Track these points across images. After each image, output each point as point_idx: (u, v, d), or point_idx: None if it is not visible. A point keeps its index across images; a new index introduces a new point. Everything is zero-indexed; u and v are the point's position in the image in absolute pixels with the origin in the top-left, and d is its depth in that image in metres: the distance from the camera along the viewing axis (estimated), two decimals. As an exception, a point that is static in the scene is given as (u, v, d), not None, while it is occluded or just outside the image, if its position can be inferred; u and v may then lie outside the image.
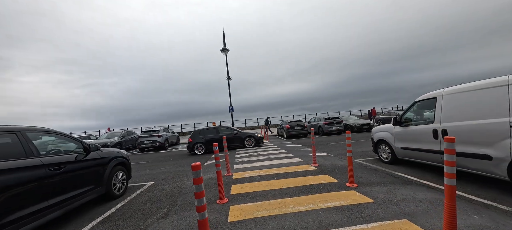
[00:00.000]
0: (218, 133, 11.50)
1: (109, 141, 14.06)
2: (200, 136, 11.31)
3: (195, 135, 11.51)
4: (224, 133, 11.54)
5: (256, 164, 6.96)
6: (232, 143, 11.33)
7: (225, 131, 11.79)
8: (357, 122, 16.05)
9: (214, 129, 11.84)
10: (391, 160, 5.83)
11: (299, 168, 5.92)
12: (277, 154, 8.58)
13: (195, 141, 11.11)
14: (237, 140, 11.50)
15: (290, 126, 15.46)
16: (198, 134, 11.53)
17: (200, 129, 11.96)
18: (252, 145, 11.54)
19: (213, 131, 11.67)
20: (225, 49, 18.33)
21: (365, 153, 7.65)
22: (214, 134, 11.44)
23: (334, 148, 9.29)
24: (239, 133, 11.72)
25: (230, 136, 11.34)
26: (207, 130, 11.79)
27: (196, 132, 11.74)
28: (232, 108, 19.28)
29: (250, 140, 11.61)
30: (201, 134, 11.47)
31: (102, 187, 4.40)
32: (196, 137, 11.29)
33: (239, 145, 11.48)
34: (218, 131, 11.70)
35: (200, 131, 11.67)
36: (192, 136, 11.41)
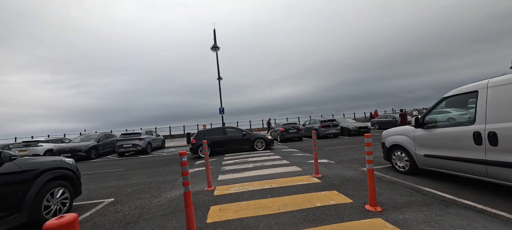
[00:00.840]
0: (225, 134, 10.42)
1: (82, 145, 12.43)
2: (205, 137, 10.04)
3: (199, 135, 10.23)
4: (231, 134, 10.50)
5: (246, 174, 5.72)
6: (239, 146, 10.23)
7: (233, 132, 10.69)
8: (354, 125, 15.12)
9: (221, 130, 10.70)
10: (410, 170, 4.74)
11: (298, 179, 4.74)
12: (271, 160, 7.38)
13: (199, 142, 9.87)
14: (245, 142, 10.33)
15: (284, 129, 14.33)
16: (203, 134, 10.26)
17: (205, 129, 10.82)
18: (262, 148, 10.33)
19: (220, 132, 10.53)
20: (215, 46, 17.09)
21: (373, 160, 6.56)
22: (220, 135, 10.31)
23: (334, 154, 8.18)
24: (248, 135, 10.54)
25: (238, 137, 10.29)
26: (213, 130, 10.71)
27: (201, 132, 10.49)
28: (222, 110, 17.98)
29: (260, 143, 10.38)
30: (206, 134, 10.26)
31: (22, 213, 3.05)
32: (201, 138, 9.96)
33: (247, 147, 10.32)
34: (225, 132, 10.58)
35: (205, 132, 10.51)
36: (196, 137, 10.19)
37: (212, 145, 9.97)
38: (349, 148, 9.34)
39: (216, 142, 10.09)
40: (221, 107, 18.08)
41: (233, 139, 10.31)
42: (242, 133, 10.64)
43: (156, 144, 14.92)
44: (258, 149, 10.33)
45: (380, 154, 6.86)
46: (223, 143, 10.19)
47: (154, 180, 6.19)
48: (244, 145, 10.35)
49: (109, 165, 9.95)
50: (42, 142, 13.50)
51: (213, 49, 17.11)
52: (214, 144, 10.02)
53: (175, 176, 6.40)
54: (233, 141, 10.28)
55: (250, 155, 9.11)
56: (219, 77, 18.25)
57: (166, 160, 10.20)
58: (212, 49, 17.08)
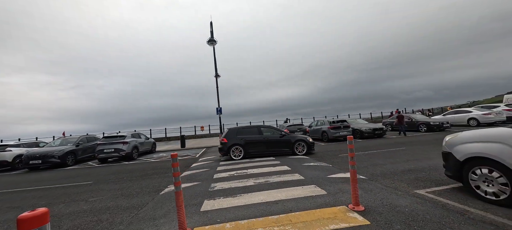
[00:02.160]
0: (261, 134, 8.93)
1: (56, 150, 10.58)
2: (238, 137, 8.63)
3: (231, 134, 8.78)
4: (268, 134, 9.02)
5: (245, 198, 3.87)
6: (277, 148, 8.72)
7: (269, 132, 9.16)
8: (367, 127, 13.26)
9: (256, 129, 9.15)
10: (510, 199, 2.88)
11: (329, 215, 2.90)
12: (278, 173, 5.52)
13: (231, 142, 8.46)
14: (283, 144, 8.75)
15: (289, 131, 12.46)
16: (235, 133, 8.81)
17: (237, 128, 9.33)
18: (303, 152, 8.68)
19: (255, 131, 9.02)
20: (212, 40, 15.31)
21: (416, 174, 4.70)
22: (255, 135, 8.84)
23: (358, 163, 6.33)
24: (287, 136, 8.95)
25: (275, 138, 8.81)
26: (247, 129, 9.19)
27: (233, 130, 9.02)
28: (220, 110, 16.16)
29: (300, 146, 8.72)
30: (239, 133, 8.80)
31: None
32: (233, 138, 8.60)
33: (287, 150, 8.74)
34: (260, 131, 9.06)
35: (238, 130, 9.03)
36: (228, 136, 8.75)
37: (246, 146, 8.48)
38: (371, 155, 7.48)
39: (250, 142, 8.58)
40: (218, 107, 16.26)
41: (270, 140, 8.74)
42: (280, 134, 9.00)
43: (144, 148, 13.06)
44: (299, 153, 8.64)
45: (420, 165, 5.02)
46: (259, 145, 8.64)
47: (115, 204, 4.34)
48: (282, 148, 8.74)
49: (79, 175, 8.09)
50: (12, 146, 11.66)
51: (210, 43, 15.31)
52: (248, 145, 8.52)
53: (148, 198, 4.57)
54: (270, 143, 8.71)
55: (251, 164, 7.25)
56: (216, 74, 16.46)
57: (150, 168, 8.34)
58: (208, 43, 15.28)
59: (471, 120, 15.09)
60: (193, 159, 10.00)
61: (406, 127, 14.00)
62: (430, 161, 5.87)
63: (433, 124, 13.80)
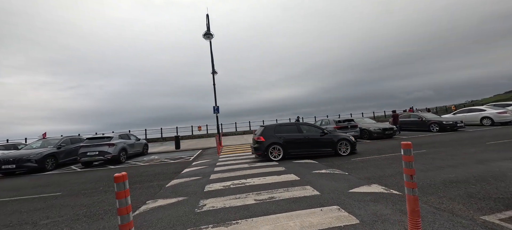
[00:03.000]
0: (300, 132, 7.97)
1: (32, 153, 9.40)
2: (277, 135, 7.71)
3: (268, 132, 7.81)
4: (308, 132, 8.07)
5: (242, 226, 2.74)
6: (319, 148, 7.78)
7: (310, 130, 8.22)
8: (376, 126, 12.16)
9: (294, 126, 8.20)
10: None
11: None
12: (284, 186, 4.40)
13: (269, 141, 7.53)
14: (325, 143, 7.80)
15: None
16: (273, 131, 7.86)
17: (274, 125, 8.33)
18: (347, 152, 7.75)
19: (293, 129, 8.06)
20: (208, 34, 14.14)
21: (464, 187, 3.58)
22: (295, 133, 7.89)
23: (378, 170, 5.21)
24: (328, 134, 8.01)
25: (315, 137, 7.86)
26: (285, 126, 8.20)
27: (270, 128, 8.03)
28: (217, 109, 15.01)
29: (344, 146, 7.80)
30: (277, 131, 7.86)
31: None
32: (271, 136, 7.66)
33: (329, 151, 7.78)
34: (299, 129, 8.10)
35: (275, 128, 8.06)
36: (265, 134, 7.78)
37: (286, 146, 7.55)
38: (390, 160, 6.37)
39: (290, 142, 7.64)
40: (215, 105, 15.10)
41: (311, 139, 7.80)
42: (321, 132, 8.04)
43: (134, 151, 11.88)
44: (343, 154, 7.70)
45: (461, 174, 3.82)
46: (300, 144, 7.72)
47: (68, 232, 3.20)
48: (324, 148, 7.78)
49: (52, 183, 6.93)
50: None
51: (206, 37, 14.15)
52: (287, 144, 7.59)
53: (116, 221, 3.43)
54: (311, 142, 7.78)
55: (250, 171, 6.13)
56: (213, 70, 15.29)
57: (136, 175, 7.20)
58: (204, 37, 14.12)
59: (485, 119, 14.06)
60: (185, 164, 8.86)
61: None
62: (468, 168, 4.78)
63: (446, 123, 12.74)
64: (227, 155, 10.03)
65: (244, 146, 13.18)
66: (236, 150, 11.70)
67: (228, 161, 8.13)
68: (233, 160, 8.27)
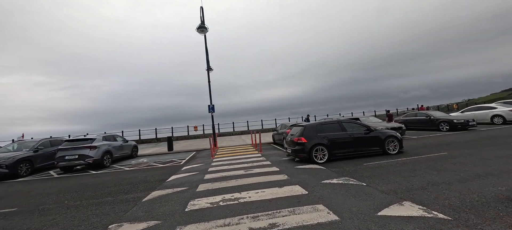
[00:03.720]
0: (345, 131, 7.07)
1: (3, 157, 8.30)
2: (320, 135, 6.80)
3: (310, 132, 6.87)
4: (353, 130, 7.14)
5: None
6: (365, 148, 6.94)
7: (353, 127, 7.26)
8: (384, 126, 11.17)
9: (337, 124, 7.22)
10: None
11: None
12: (289, 204, 3.38)
13: (313, 142, 6.61)
14: (372, 142, 7.00)
15: (293, 131, 10.33)
16: (315, 130, 6.93)
17: (315, 124, 7.28)
18: (395, 150, 6.98)
19: (336, 127, 7.13)
20: (202, 27, 13.07)
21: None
22: (339, 132, 7.01)
23: (402, 180, 4.22)
24: (374, 131, 7.14)
25: (361, 135, 7.01)
26: (327, 125, 7.19)
27: (311, 127, 7.06)
28: (212, 108, 13.96)
29: (392, 143, 7.01)
30: (319, 130, 6.95)
31: None
32: (314, 136, 6.74)
33: (377, 150, 6.98)
34: (343, 127, 7.16)
35: (317, 127, 7.06)
36: (307, 134, 6.81)
37: (331, 147, 6.69)
38: (410, 165, 5.38)
39: (335, 142, 6.78)
40: (210, 104, 14.06)
41: (356, 138, 6.96)
42: (365, 129, 7.17)
43: (121, 153, 10.79)
44: (391, 152, 6.94)
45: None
46: (345, 144, 6.87)
47: None
48: (372, 147, 6.97)
49: (11, 194, 5.85)
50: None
51: (200, 30, 13.08)
52: (333, 145, 6.74)
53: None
54: (357, 141, 6.94)
55: (244, 181, 5.10)
56: (208, 67, 14.24)
57: (113, 184, 6.15)
58: (198, 30, 13.04)
59: (496, 117, 13.14)
60: (174, 168, 7.82)
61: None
62: (519, 178, 3.80)
63: (456, 122, 11.80)
64: (221, 158, 9.00)
65: (241, 148, 12.15)
66: (232, 152, 10.67)
67: (222, 166, 7.11)
68: (227, 165, 7.25)
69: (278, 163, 6.86)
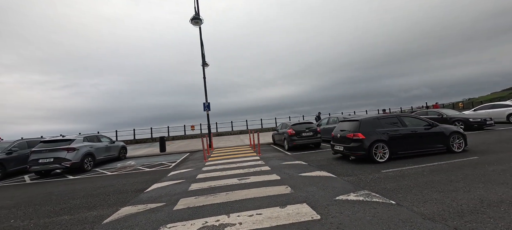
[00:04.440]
0: (405, 126, 6.23)
1: (-34, 161, 7.28)
2: (378, 130, 5.97)
3: (367, 127, 6.04)
4: (413, 125, 6.32)
5: None
6: (428, 145, 6.11)
7: (412, 121, 6.44)
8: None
9: (395, 119, 6.39)
10: None
11: None
12: (291, 219, 2.34)
13: (372, 138, 5.79)
14: (435, 138, 6.17)
15: (295, 131, 9.30)
16: (372, 125, 6.10)
17: (371, 118, 6.39)
18: (461, 148, 6.18)
19: (395, 122, 6.28)
20: (197, 18, 11.99)
21: None
22: (399, 128, 6.15)
23: (425, 188, 3.18)
24: (437, 127, 6.34)
25: (419, 130, 6.17)
26: (384, 119, 6.35)
27: (367, 122, 6.21)
28: (208, 106, 12.91)
29: (458, 139, 6.22)
30: (377, 126, 6.11)
31: None
32: (372, 132, 5.92)
33: (441, 147, 6.16)
34: (402, 121, 6.32)
35: (373, 122, 6.22)
36: (364, 130, 5.99)
37: (391, 144, 5.86)
38: (433, 173, 4.34)
39: (396, 138, 5.95)
40: (206, 102, 13.01)
41: (418, 134, 6.14)
42: (425, 124, 6.35)
43: (106, 155, 9.75)
44: (456, 150, 6.14)
45: None
46: (408, 141, 6.05)
47: None
48: (436, 144, 6.15)
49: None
50: None
51: (194, 22, 12.01)
52: (393, 141, 5.91)
53: None
54: (420, 137, 6.13)
55: (241, 190, 4.06)
56: (203, 62, 13.19)
57: (81, 195, 5.11)
58: (192, 22, 11.97)
59: (513, 116, 12.10)
60: (160, 174, 6.79)
61: None
62: None
63: (472, 121, 10.75)
64: (215, 161, 7.96)
65: (239, 149, 11.11)
66: (228, 154, 9.64)
67: (213, 173, 6.07)
68: (220, 171, 6.21)
69: (278, 169, 5.81)
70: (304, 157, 7.48)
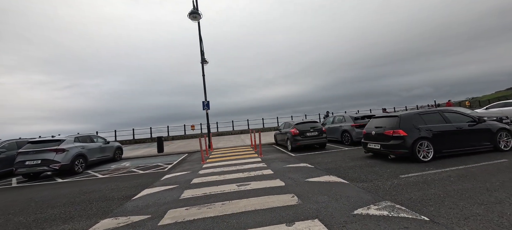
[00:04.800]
0: (448, 122, 5.69)
1: None
2: (421, 127, 5.45)
3: (408, 123, 5.53)
4: (456, 121, 5.79)
5: None
6: (473, 143, 5.63)
7: (455, 117, 5.90)
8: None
9: (438, 114, 5.83)
10: None
11: None
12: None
13: (415, 135, 5.30)
14: (481, 135, 5.71)
15: (299, 130, 8.70)
16: (413, 122, 5.55)
17: (412, 113, 5.81)
18: (508, 146, 5.73)
19: (438, 118, 5.73)
20: (195, 13, 11.43)
21: None
22: (442, 124, 5.63)
23: (461, 199, 2.59)
24: (482, 123, 5.85)
25: (464, 127, 5.67)
26: (426, 115, 5.78)
27: (408, 118, 5.66)
28: (207, 105, 12.35)
29: (504, 137, 5.76)
30: (418, 121, 5.56)
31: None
32: (414, 129, 5.42)
33: (487, 145, 5.70)
34: (445, 117, 5.78)
35: (414, 117, 5.67)
36: (404, 126, 5.47)
37: (435, 141, 5.36)
38: (461, 178, 3.73)
39: (440, 135, 5.44)
40: (205, 100, 12.44)
41: (463, 130, 5.65)
42: (469, 120, 5.85)
43: (100, 156, 9.23)
44: (504, 148, 5.68)
45: None
46: (453, 138, 5.55)
47: None
48: (483, 142, 5.69)
49: None
50: None
51: (193, 17, 11.44)
52: (437, 139, 5.40)
53: None
54: (466, 135, 5.64)
55: (240, 199, 3.49)
56: (202, 59, 12.62)
57: (64, 203, 4.58)
58: (190, 16, 11.40)
59: (529, 114, 11.37)
60: (154, 177, 6.24)
61: None
62: None
63: (488, 120, 10.05)
64: (213, 163, 7.39)
65: (239, 150, 10.54)
66: (228, 155, 9.07)
67: (210, 177, 5.50)
68: (218, 174, 5.65)
69: (282, 173, 5.23)
70: (310, 159, 6.88)
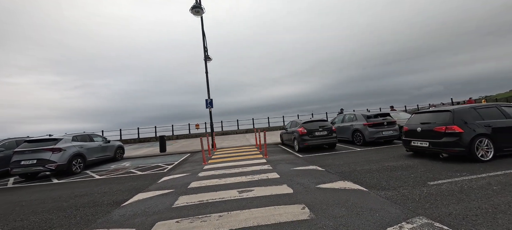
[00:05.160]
0: (509, 117, 5.07)
1: None
2: (478, 123, 4.87)
3: (465, 118, 4.94)
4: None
5: None
6: None
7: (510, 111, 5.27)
8: (422, 123, 8.70)
9: (495, 108, 5.20)
10: None
11: None
12: None
13: (472, 132, 4.72)
14: None
15: (307, 130, 8.09)
16: (469, 117, 4.96)
17: (467, 107, 5.21)
18: None
19: (495, 113, 5.10)
20: (198, 7, 10.95)
21: None
22: (501, 119, 5.00)
23: None
24: None
25: None
26: (482, 109, 5.15)
27: (462, 112, 5.07)
28: (210, 103, 11.89)
29: None
30: (475, 117, 4.98)
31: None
32: (472, 124, 4.85)
33: None
34: (504, 112, 5.15)
35: (469, 112, 5.07)
36: (459, 121, 4.91)
37: (496, 138, 4.76)
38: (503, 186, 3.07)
39: (500, 131, 4.84)
40: (208, 98, 11.99)
41: None
42: None
43: (99, 156, 8.91)
44: None
45: None
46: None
47: None
48: None
49: None
50: None
51: (195, 12, 10.98)
52: (497, 135, 4.80)
53: None
54: None
55: (241, 210, 2.95)
56: (205, 55, 12.17)
57: (50, 208, 4.17)
58: (192, 11, 10.94)
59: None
60: (151, 179, 5.80)
61: None
62: None
63: (514, 118, 9.14)
64: (215, 165, 6.90)
65: (243, 150, 10.02)
66: (232, 155, 8.56)
67: (210, 180, 5.00)
68: (219, 177, 5.14)
69: (289, 177, 4.66)
70: (319, 161, 6.28)
